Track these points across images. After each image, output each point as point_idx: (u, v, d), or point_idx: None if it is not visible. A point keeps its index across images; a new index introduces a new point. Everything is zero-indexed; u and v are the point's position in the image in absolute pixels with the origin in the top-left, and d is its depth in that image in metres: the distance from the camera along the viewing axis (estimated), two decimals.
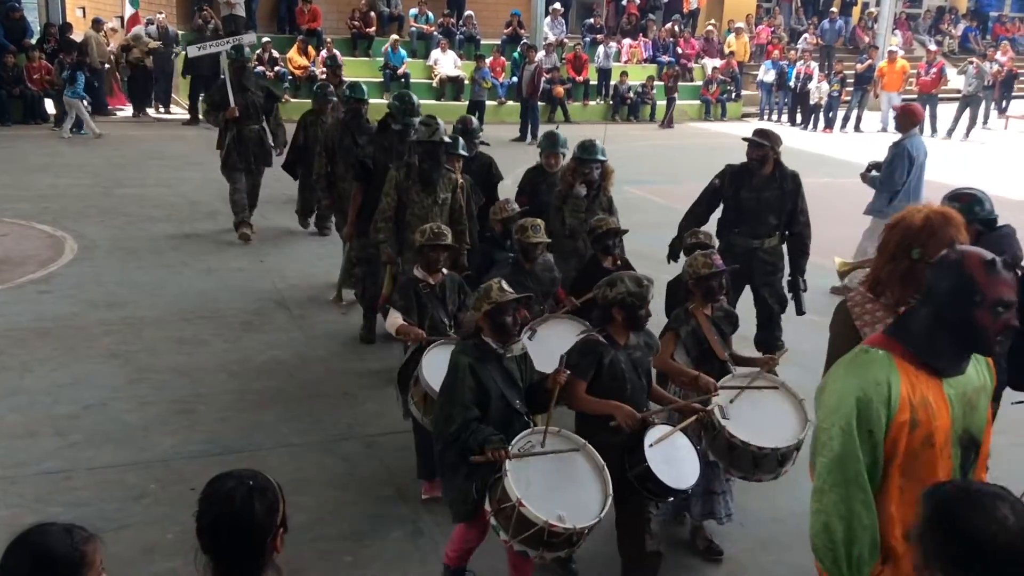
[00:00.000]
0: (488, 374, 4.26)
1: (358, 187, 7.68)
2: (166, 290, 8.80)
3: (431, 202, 6.65)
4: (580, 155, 6.78)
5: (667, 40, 24.85)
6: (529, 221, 5.88)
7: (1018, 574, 2.04)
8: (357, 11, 21.88)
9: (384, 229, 6.71)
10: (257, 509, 2.51)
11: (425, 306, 5.40)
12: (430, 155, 6.60)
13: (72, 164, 14.42)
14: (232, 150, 10.40)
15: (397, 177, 6.70)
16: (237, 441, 6.00)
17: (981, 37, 29.87)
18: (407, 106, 7.49)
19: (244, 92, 10.39)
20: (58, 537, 2.36)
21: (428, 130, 6.57)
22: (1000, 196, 14.78)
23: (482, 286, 4.43)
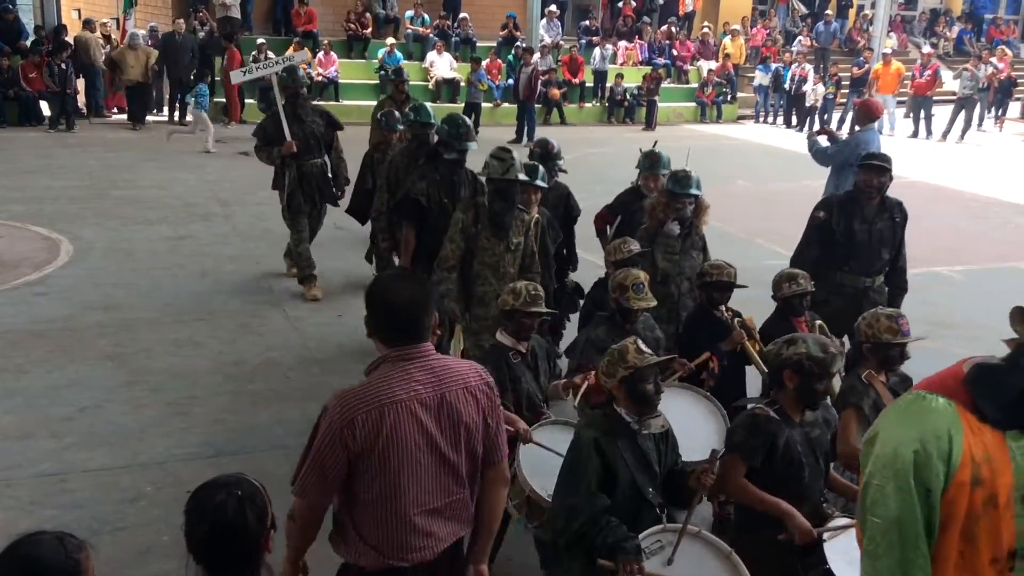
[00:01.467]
0: (617, 453, 3.61)
1: (410, 228, 6.64)
2: (161, 292, 8.80)
3: (503, 249, 5.76)
4: (673, 188, 5.96)
5: (663, 42, 24.88)
6: (630, 278, 4.92)
7: None
8: (353, 13, 21.89)
9: (448, 281, 5.77)
10: (250, 518, 2.51)
11: (517, 379, 4.65)
12: (503, 195, 5.71)
13: (67, 166, 14.41)
14: (296, 190, 8.73)
15: (464, 221, 5.76)
16: (232, 443, 6.00)
17: (976, 39, 29.93)
18: (460, 130, 6.53)
19: (301, 122, 8.70)
20: (51, 547, 2.34)
21: (501, 166, 5.66)
22: (994, 198, 14.92)
23: (614, 347, 3.82)
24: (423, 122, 7.46)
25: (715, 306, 5.41)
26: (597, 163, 15.21)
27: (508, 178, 5.66)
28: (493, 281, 5.73)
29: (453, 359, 3.27)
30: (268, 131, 8.76)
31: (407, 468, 2.93)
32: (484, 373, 3.17)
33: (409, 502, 2.96)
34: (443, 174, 6.61)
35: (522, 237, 5.85)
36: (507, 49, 22.29)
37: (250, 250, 10.38)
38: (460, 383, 3.03)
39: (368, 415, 2.87)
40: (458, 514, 3.11)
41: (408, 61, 21.61)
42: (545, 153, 6.84)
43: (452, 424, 3.00)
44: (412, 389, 2.94)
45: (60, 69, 17.55)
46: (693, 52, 25.11)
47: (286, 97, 8.77)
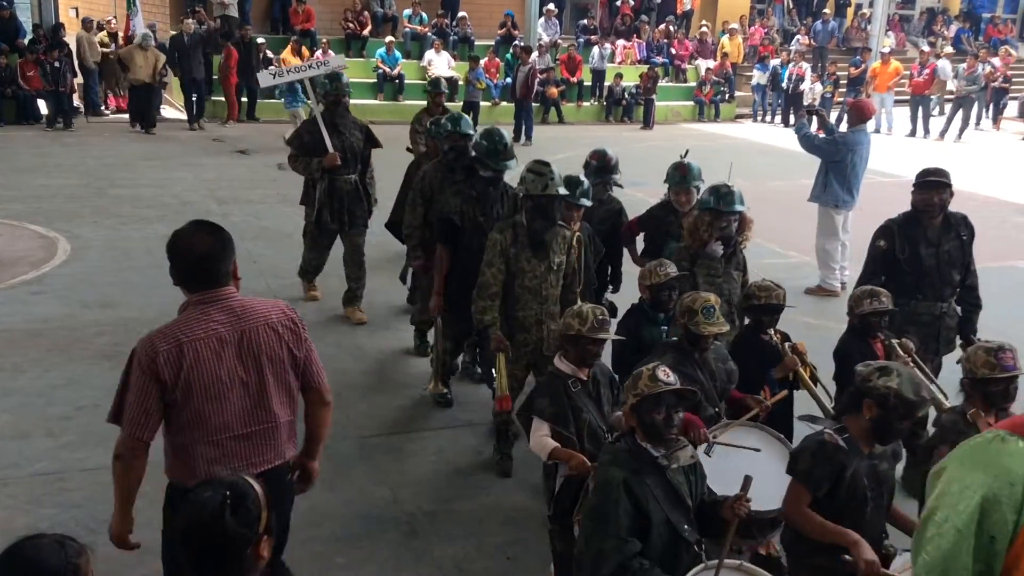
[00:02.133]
0: (647, 492, 3.38)
1: (444, 250, 6.18)
2: (159, 291, 8.75)
3: (544, 269, 5.43)
4: (716, 205, 5.45)
5: (661, 41, 24.88)
6: (699, 301, 4.54)
7: None
8: (351, 11, 21.87)
9: (491, 309, 5.43)
10: (229, 520, 2.40)
11: (579, 409, 4.34)
12: (542, 212, 5.36)
13: (65, 164, 14.40)
14: (324, 207, 8.00)
15: (502, 242, 5.41)
16: None
17: (974, 38, 29.95)
18: (499, 147, 6.06)
19: (339, 134, 8.00)
20: (52, 551, 2.32)
21: (539, 181, 5.29)
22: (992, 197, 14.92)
23: (634, 373, 3.58)
24: (462, 133, 6.82)
25: (763, 330, 5.13)
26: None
27: (548, 194, 5.30)
28: (534, 305, 5.47)
29: (257, 300, 3.57)
30: (305, 140, 8.01)
31: (211, 398, 3.28)
32: (288, 310, 3.53)
33: (216, 428, 3.31)
34: (478, 191, 6.18)
35: (564, 255, 5.50)
36: (505, 48, 22.28)
37: (247, 249, 10.36)
38: (261, 320, 3.40)
39: (169, 352, 3.25)
40: (271, 441, 3.46)
41: (406, 60, 21.64)
42: (603, 166, 6.56)
43: (254, 357, 3.36)
44: (211, 328, 3.31)
45: (55, 67, 17.53)
46: (691, 51, 25.12)
47: (326, 105, 8.05)
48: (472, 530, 5.14)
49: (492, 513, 5.33)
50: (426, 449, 6.04)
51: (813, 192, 9.33)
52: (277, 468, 3.50)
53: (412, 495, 5.46)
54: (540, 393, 4.43)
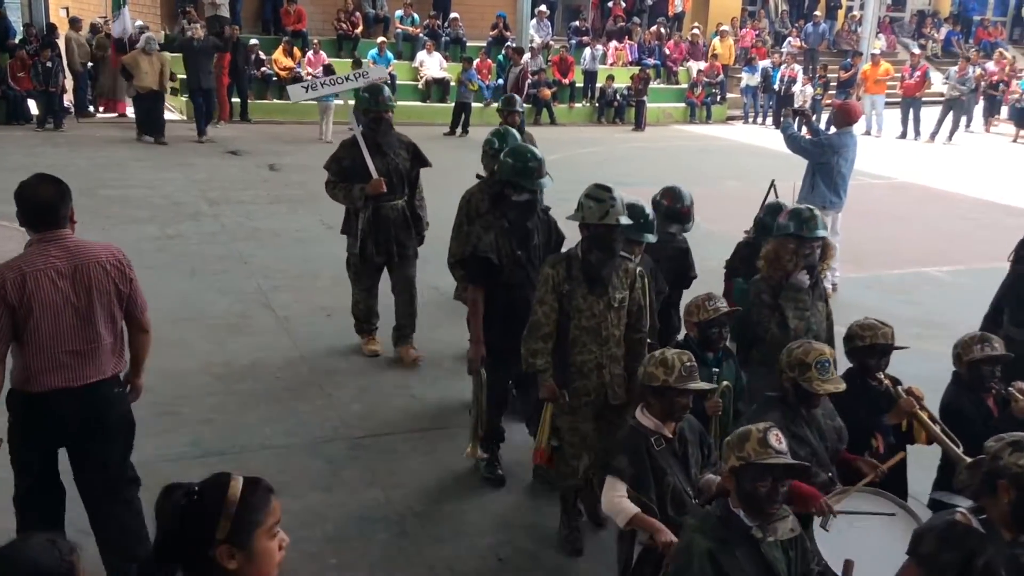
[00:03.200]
0: (736, 566, 3.04)
1: (477, 291, 5.43)
2: (149, 292, 8.59)
3: (604, 307, 4.74)
4: (799, 231, 4.98)
5: (652, 43, 24.92)
6: (813, 353, 4.01)
7: None
8: (342, 12, 21.86)
9: (543, 352, 4.79)
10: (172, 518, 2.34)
11: (662, 471, 3.85)
12: (600, 243, 4.66)
13: (55, 165, 14.33)
14: (368, 237, 7.08)
15: (555, 276, 4.76)
16: (221, 443, 5.98)
17: (964, 41, 30.06)
18: (529, 164, 5.27)
19: (383, 155, 7.07)
20: (45, 550, 2.31)
21: (599, 208, 4.62)
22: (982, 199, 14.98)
23: (740, 431, 3.24)
24: None
25: (870, 374, 4.60)
26: (586, 163, 15.21)
27: (608, 223, 4.61)
28: (594, 348, 4.75)
29: (91, 242, 4.29)
30: (344, 163, 7.08)
31: (48, 318, 4.00)
32: (118, 253, 4.30)
33: (51, 343, 4.03)
34: (513, 220, 5.36)
35: (627, 291, 4.81)
36: (497, 49, 22.29)
37: (239, 250, 10.34)
38: (92, 258, 4.15)
39: (14, 279, 3.95)
40: (99, 357, 4.18)
41: (398, 61, 21.62)
42: (674, 213, 5.83)
43: (85, 288, 4.09)
44: (49, 261, 4.04)
45: (46, 67, 17.47)
46: (683, 53, 25.16)
47: (366, 123, 7.12)
48: (464, 531, 5.14)
49: (484, 514, 5.33)
50: (418, 450, 6.04)
51: (800, 194, 9.35)
52: (103, 381, 4.22)
53: (404, 496, 5.46)
54: (619, 450, 3.91)
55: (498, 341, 5.34)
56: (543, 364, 4.77)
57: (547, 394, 4.80)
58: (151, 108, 16.81)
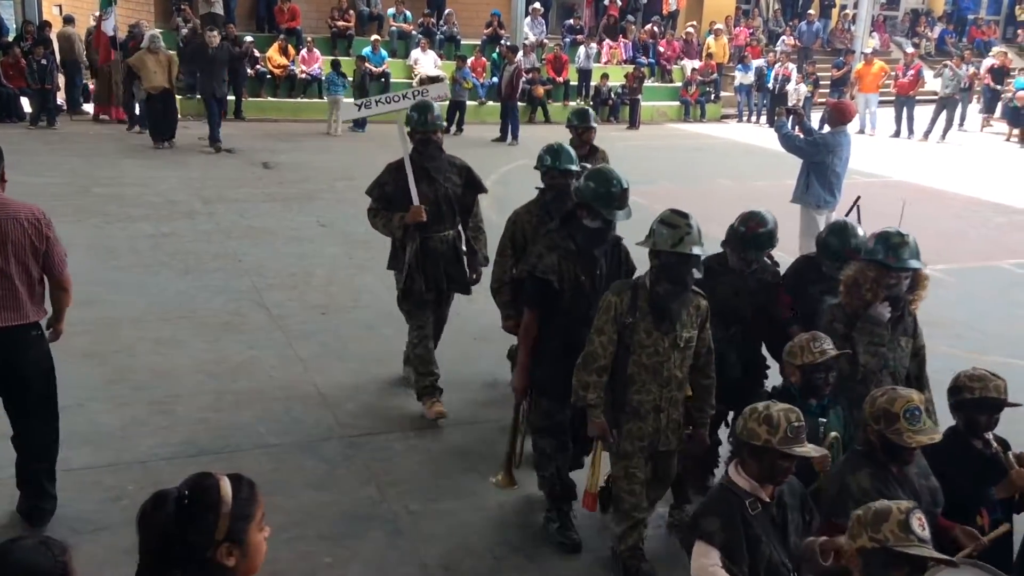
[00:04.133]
0: None
1: (532, 314, 4.96)
2: (144, 290, 8.75)
3: (668, 345, 4.34)
4: (885, 258, 4.45)
5: (647, 41, 24.94)
6: (900, 401, 3.56)
7: None
8: (336, 10, 21.84)
9: (596, 386, 4.40)
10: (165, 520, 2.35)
11: (756, 539, 3.37)
12: (671, 274, 4.27)
13: (48, 162, 14.31)
14: (415, 272, 6.29)
15: (617, 306, 4.36)
16: (215, 442, 5.98)
17: (958, 40, 30.14)
18: (612, 191, 4.76)
19: (431, 180, 6.27)
20: (39, 551, 2.31)
21: (672, 234, 4.21)
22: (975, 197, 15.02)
23: (877, 507, 2.92)
24: (562, 169, 5.69)
25: (977, 434, 4.05)
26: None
27: (681, 252, 4.19)
28: (653, 388, 4.39)
29: (13, 200, 4.78)
30: (388, 190, 6.34)
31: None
32: (39, 212, 4.77)
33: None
34: (581, 245, 4.87)
35: (695, 330, 4.42)
36: (492, 47, 22.30)
37: (233, 248, 10.33)
38: (11, 215, 4.63)
39: None
40: (11, 304, 4.62)
41: (392, 59, 21.61)
42: (751, 239, 5.12)
43: (1, 241, 4.55)
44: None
45: (41, 65, 17.42)
46: (677, 51, 25.18)
47: (415, 144, 6.34)
48: (458, 530, 5.14)
49: (478, 513, 5.33)
50: (412, 449, 6.04)
51: (795, 193, 9.34)
52: (20, 326, 4.68)
53: (398, 495, 5.46)
54: (709, 511, 3.46)
55: (553, 377, 4.80)
56: (595, 399, 4.40)
57: (597, 431, 4.45)
58: (162, 110, 16.11)
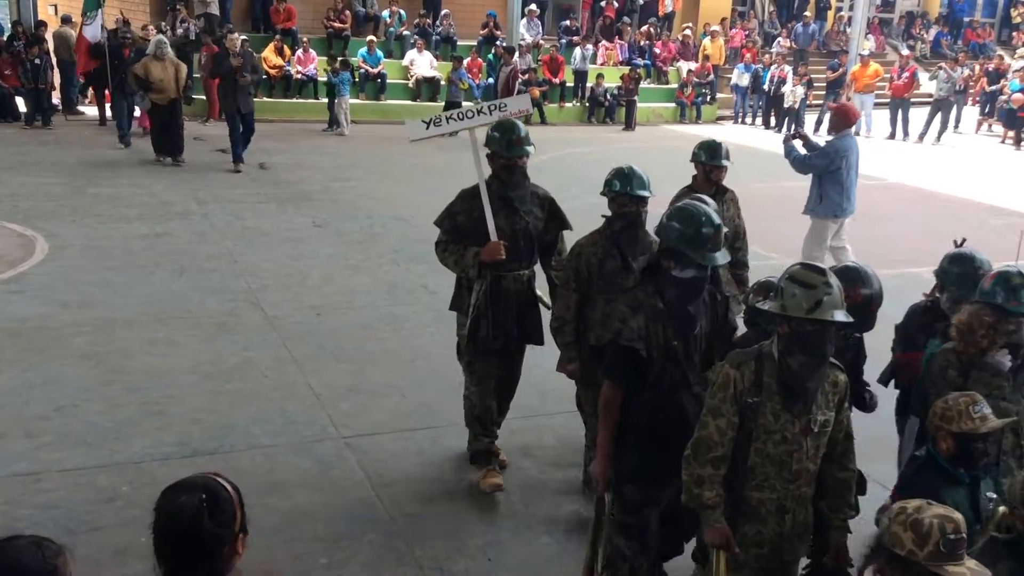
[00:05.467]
0: None
1: (615, 389, 4.09)
2: (138, 290, 8.73)
3: (799, 430, 3.54)
4: (1004, 302, 4.04)
5: (643, 43, 24.97)
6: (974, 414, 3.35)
7: None
8: (332, 11, 21.84)
9: (713, 481, 3.58)
10: (207, 523, 2.46)
11: None
12: (809, 345, 3.45)
13: (43, 163, 14.28)
14: (483, 315, 5.36)
15: (738, 381, 3.55)
16: (209, 443, 5.96)
17: (953, 42, 30.21)
18: (703, 231, 3.88)
19: (512, 211, 5.39)
20: (29, 552, 2.31)
21: (807, 296, 3.41)
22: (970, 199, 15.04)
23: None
24: (633, 195, 4.95)
25: None
26: (576, 163, 15.23)
27: (817, 319, 3.40)
28: (778, 483, 3.58)
29: None
30: (460, 221, 5.43)
31: None
32: None
33: None
34: (672, 302, 3.98)
35: (832, 411, 3.61)
36: (488, 48, 22.31)
37: (228, 248, 10.32)
38: None
39: None
40: None
41: (388, 59, 21.62)
42: (851, 310, 3.67)
43: None
44: None
45: (35, 64, 17.39)
46: (673, 53, 25.21)
47: (494, 170, 5.43)
48: (453, 531, 5.13)
49: (473, 514, 5.32)
50: (407, 450, 6.03)
51: (808, 205, 9.09)
52: None
53: (393, 496, 5.45)
54: None
55: (639, 462, 4.08)
56: (712, 498, 3.57)
57: (717, 539, 3.60)
58: (168, 122, 14.67)
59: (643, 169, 5.08)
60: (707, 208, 4.03)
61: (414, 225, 11.19)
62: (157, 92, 14.37)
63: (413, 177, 14.62)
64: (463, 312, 5.54)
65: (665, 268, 3.96)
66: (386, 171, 15.08)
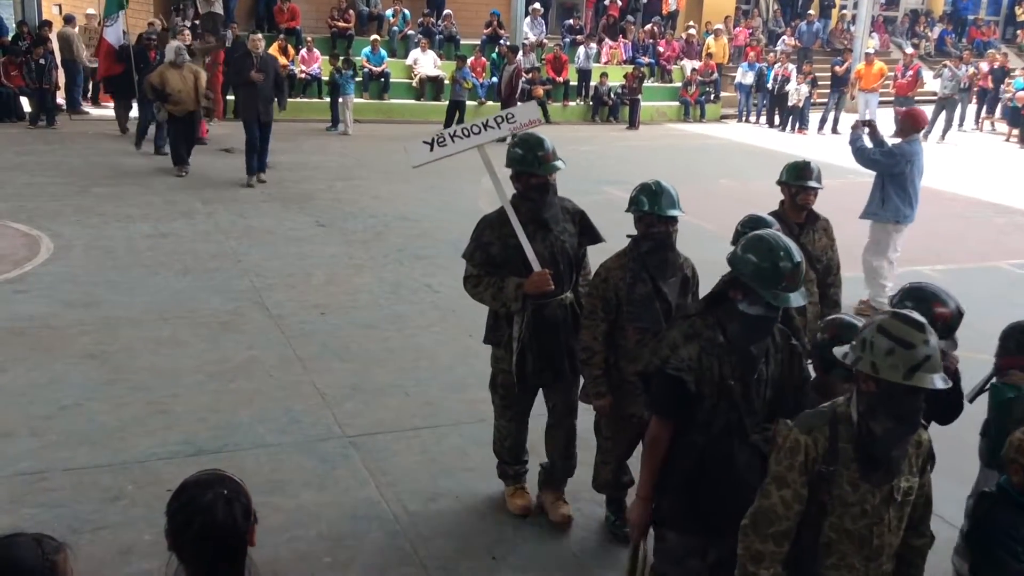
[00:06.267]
0: None
1: (663, 426, 3.74)
2: (143, 290, 8.75)
3: (880, 501, 3.07)
4: None
5: (646, 42, 24.97)
6: None
7: None
8: (336, 10, 21.85)
9: (773, 560, 3.13)
10: (238, 517, 2.52)
11: None
12: (900, 411, 2.97)
13: (48, 162, 14.31)
14: (529, 350, 4.95)
15: (809, 448, 3.07)
16: (214, 442, 5.97)
17: (957, 40, 30.16)
18: (779, 266, 3.45)
19: (546, 230, 4.97)
20: (27, 548, 2.32)
21: (906, 358, 2.90)
22: (975, 198, 15.02)
23: None
24: (661, 215, 4.57)
25: None
26: (581, 162, 15.23)
27: (912, 385, 2.90)
28: (857, 561, 3.12)
29: None
30: (492, 252, 4.95)
31: None
32: None
33: None
34: (734, 337, 3.58)
35: (916, 475, 3.15)
36: (491, 47, 22.31)
37: (232, 248, 10.33)
38: None
39: None
40: None
41: (392, 59, 21.63)
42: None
43: None
44: None
45: (40, 65, 17.42)
46: (677, 51, 25.20)
47: (523, 191, 4.96)
48: (457, 530, 5.13)
49: (477, 513, 5.33)
50: (411, 449, 6.03)
51: (868, 209, 8.87)
52: None
53: (397, 495, 5.45)
54: None
55: (683, 507, 3.71)
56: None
57: None
58: (187, 132, 14.02)
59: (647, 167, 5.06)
60: (787, 241, 3.56)
61: (418, 224, 11.19)
62: (174, 103, 13.57)
63: (416, 176, 14.57)
64: (501, 346, 5.10)
65: (732, 299, 3.56)
66: (390, 170, 15.08)
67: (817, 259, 5.77)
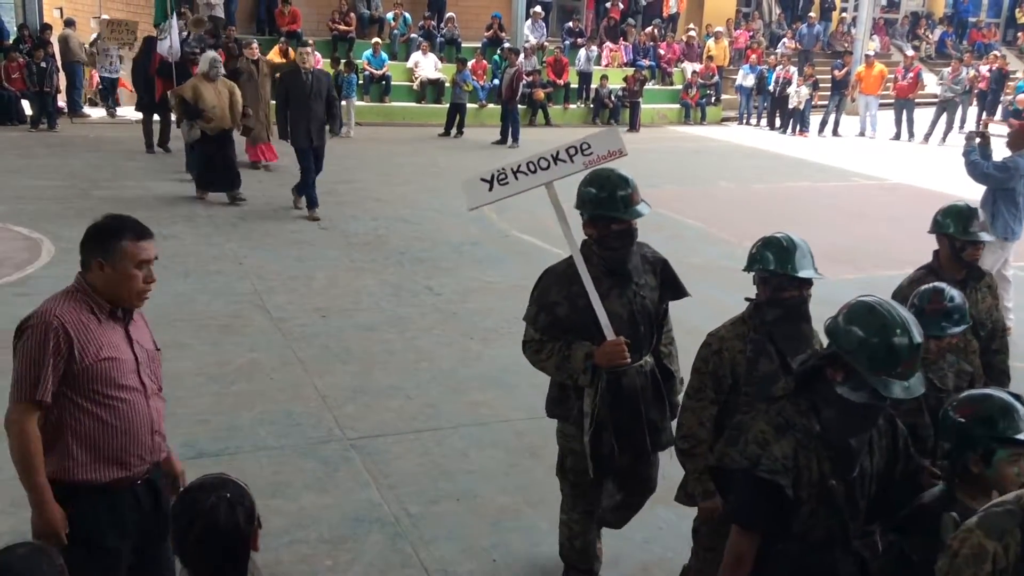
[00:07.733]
0: None
1: (748, 537, 3.05)
2: None
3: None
4: None
5: (647, 44, 24.98)
6: None
7: None
8: (337, 13, 21.88)
9: None
10: (241, 520, 2.53)
11: None
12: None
13: (49, 165, 14.32)
14: (606, 427, 4.15)
15: (997, 555, 2.45)
16: (215, 444, 5.97)
17: (958, 42, 30.17)
18: (894, 343, 2.82)
19: (623, 285, 4.18)
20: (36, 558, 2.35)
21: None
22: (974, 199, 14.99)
23: None
24: (795, 277, 3.76)
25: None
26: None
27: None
28: None
29: None
30: (560, 312, 4.15)
31: None
32: None
33: None
34: (832, 428, 2.96)
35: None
36: (492, 50, 22.32)
37: (233, 250, 10.33)
38: None
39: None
40: None
41: (393, 61, 21.65)
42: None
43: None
44: None
45: (41, 68, 17.45)
46: (677, 54, 25.22)
47: (600, 236, 4.13)
48: (458, 533, 5.13)
49: (478, 515, 5.33)
50: (412, 451, 6.03)
51: (1008, 227, 8.42)
52: None
53: (398, 497, 5.45)
54: None
55: None
56: None
57: None
58: (218, 154, 12.33)
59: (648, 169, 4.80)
60: (905, 314, 2.89)
61: (419, 227, 11.19)
62: (207, 121, 12.05)
63: (418, 179, 14.64)
64: (571, 421, 4.25)
65: (829, 379, 2.93)
66: (391, 173, 15.09)
67: (982, 324, 4.80)
